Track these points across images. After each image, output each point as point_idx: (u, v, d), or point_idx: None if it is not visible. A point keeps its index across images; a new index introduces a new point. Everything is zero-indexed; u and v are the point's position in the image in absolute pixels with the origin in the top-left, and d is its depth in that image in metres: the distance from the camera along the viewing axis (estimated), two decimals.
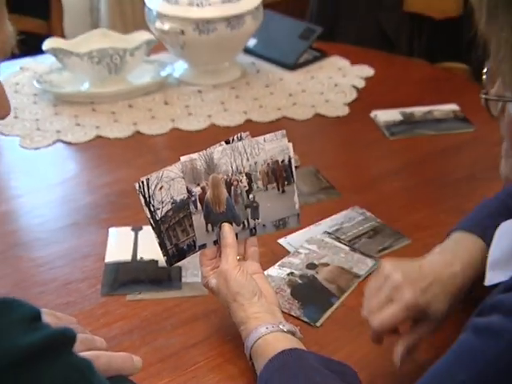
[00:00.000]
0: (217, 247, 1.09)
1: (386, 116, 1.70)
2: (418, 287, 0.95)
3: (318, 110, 1.74)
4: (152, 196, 1.05)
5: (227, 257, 1.04)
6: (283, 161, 1.11)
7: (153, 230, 1.07)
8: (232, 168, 1.08)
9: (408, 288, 0.95)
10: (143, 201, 1.05)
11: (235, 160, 1.08)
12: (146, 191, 1.04)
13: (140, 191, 1.04)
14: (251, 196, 1.10)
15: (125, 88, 1.78)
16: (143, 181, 1.04)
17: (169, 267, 1.11)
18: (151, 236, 1.07)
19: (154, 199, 1.05)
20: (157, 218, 1.06)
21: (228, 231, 1.07)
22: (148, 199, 1.05)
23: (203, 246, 1.09)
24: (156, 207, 1.05)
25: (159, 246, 1.08)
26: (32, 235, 1.37)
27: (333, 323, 1.12)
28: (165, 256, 1.09)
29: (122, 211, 1.36)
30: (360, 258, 1.25)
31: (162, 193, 1.05)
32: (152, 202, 1.05)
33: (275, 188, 1.11)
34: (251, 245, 1.10)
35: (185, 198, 1.07)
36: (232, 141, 1.09)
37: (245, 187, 1.09)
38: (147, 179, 1.04)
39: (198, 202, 1.07)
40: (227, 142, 1.08)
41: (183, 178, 1.06)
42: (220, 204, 1.08)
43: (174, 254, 1.09)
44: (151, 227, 1.06)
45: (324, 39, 2.05)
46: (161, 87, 1.82)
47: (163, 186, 1.05)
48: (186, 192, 1.06)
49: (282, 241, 1.29)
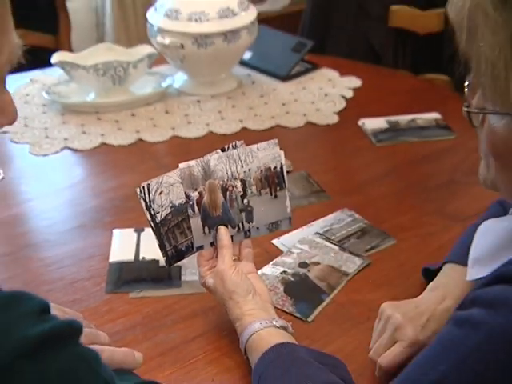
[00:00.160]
0: (213, 248, 1.09)
1: (373, 124, 1.69)
2: (418, 325, 0.98)
3: (310, 119, 1.74)
4: (152, 200, 1.04)
5: (223, 257, 1.05)
6: (275, 168, 1.11)
7: (153, 233, 1.06)
8: (227, 174, 1.08)
9: (409, 326, 0.97)
10: (144, 205, 1.04)
11: (230, 167, 1.08)
12: (147, 196, 1.04)
13: (141, 196, 1.04)
14: (245, 201, 1.10)
15: (128, 98, 1.78)
16: (144, 186, 1.04)
17: (168, 267, 1.11)
18: (152, 237, 1.07)
19: (155, 203, 1.05)
20: (157, 221, 1.06)
21: (224, 233, 1.07)
22: (148, 203, 1.04)
23: (200, 248, 1.09)
24: (156, 211, 1.05)
25: (159, 248, 1.07)
26: (41, 237, 1.36)
27: (323, 319, 1.12)
28: (164, 257, 1.08)
29: (126, 214, 1.35)
30: (349, 257, 1.25)
31: (162, 197, 1.05)
32: (152, 206, 1.05)
33: (268, 193, 1.11)
34: (246, 246, 1.11)
35: (183, 203, 1.06)
36: (227, 149, 1.09)
37: (239, 192, 1.09)
38: (148, 185, 1.04)
39: (196, 206, 1.07)
40: (223, 150, 1.08)
41: (182, 184, 1.06)
42: (216, 208, 1.08)
43: (173, 255, 1.09)
44: (151, 230, 1.06)
45: (315, 52, 2.05)
46: (162, 97, 1.82)
47: (163, 191, 1.05)
48: (185, 197, 1.06)
49: (276, 241, 1.29)
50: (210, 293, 1.06)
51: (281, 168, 1.11)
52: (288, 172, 1.46)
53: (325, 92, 1.86)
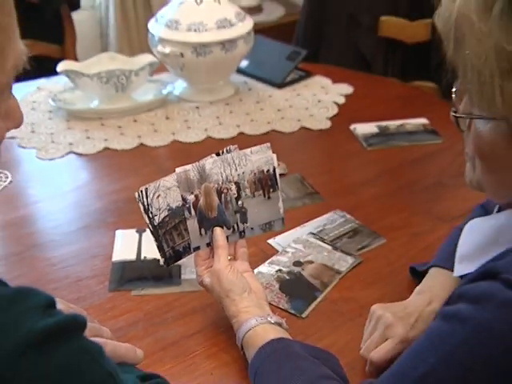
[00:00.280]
0: (210, 249, 1.09)
1: (364, 129, 1.69)
2: (408, 323, 0.98)
3: (304, 124, 1.74)
4: (150, 204, 1.04)
5: (219, 257, 1.05)
6: (268, 170, 1.10)
7: (151, 235, 1.06)
8: (222, 177, 1.08)
9: (399, 325, 0.97)
10: (142, 208, 1.04)
11: (225, 170, 1.08)
12: (145, 199, 1.04)
13: (139, 200, 1.04)
14: (240, 202, 1.10)
15: (130, 105, 1.78)
16: (142, 190, 1.04)
17: (171, 265, 1.11)
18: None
19: (152, 207, 1.04)
20: (155, 224, 1.05)
21: (219, 234, 1.07)
22: (147, 207, 1.04)
23: (197, 248, 1.09)
24: (154, 214, 1.05)
25: (157, 249, 1.07)
26: (47, 237, 1.36)
27: (317, 315, 1.12)
28: (162, 257, 1.08)
29: (128, 215, 1.34)
30: (341, 256, 1.25)
31: (160, 201, 1.05)
32: (150, 209, 1.04)
33: (261, 195, 1.11)
34: (241, 246, 1.10)
35: (180, 205, 1.06)
36: (222, 153, 1.08)
37: (234, 195, 1.09)
38: (146, 189, 1.04)
39: (192, 209, 1.07)
40: (217, 154, 1.08)
41: (178, 187, 1.06)
42: (212, 210, 1.08)
43: (171, 256, 1.08)
44: (150, 232, 1.06)
45: (308, 61, 2.05)
46: (162, 104, 1.81)
47: (160, 195, 1.05)
48: (181, 200, 1.06)
49: (272, 241, 1.28)
50: (208, 291, 1.06)
51: (273, 170, 1.11)
52: (283, 175, 1.47)
53: (318, 98, 1.85)
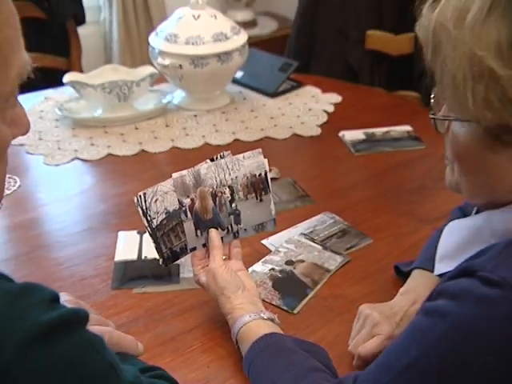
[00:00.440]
0: (205, 249, 1.09)
1: (352, 135, 1.69)
2: (393, 322, 0.98)
3: (295, 131, 1.74)
4: (148, 208, 1.04)
5: (214, 257, 1.04)
6: (260, 174, 1.10)
7: (150, 237, 1.06)
8: (216, 182, 1.07)
9: (386, 323, 0.97)
10: (141, 212, 1.04)
11: (219, 175, 1.07)
12: (144, 203, 1.03)
13: (138, 204, 1.03)
14: (234, 205, 1.09)
15: (132, 113, 1.77)
16: (141, 195, 1.03)
17: (169, 265, 1.10)
18: None
19: (151, 210, 1.04)
20: (153, 226, 1.05)
21: (215, 235, 1.07)
22: (145, 210, 1.04)
23: (194, 249, 1.09)
24: (152, 217, 1.04)
25: (156, 250, 1.07)
26: (54, 238, 1.35)
27: (308, 311, 1.12)
28: (161, 258, 1.08)
29: (130, 217, 1.33)
30: (331, 255, 1.24)
31: (157, 204, 1.04)
32: (149, 213, 1.04)
33: (254, 197, 1.10)
34: (235, 246, 1.10)
35: (177, 209, 1.06)
36: (216, 158, 1.08)
37: (228, 198, 1.09)
38: (144, 193, 1.03)
39: (188, 212, 1.06)
40: (212, 160, 1.08)
41: (175, 192, 1.05)
42: (207, 212, 1.07)
43: (169, 257, 1.08)
44: (149, 234, 1.06)
45: (299, 71, 2.05)
46: (162, 112, 1.81)
47: (158, 199, 1.04)
48: (178, 203, 1.06)
49: (265, 241, 1.28)
50: (204, 289, 1.06)
51: (265, 174, 1.11)
52: (276, 179, 1.47)
53: (309, 107, 1.85)
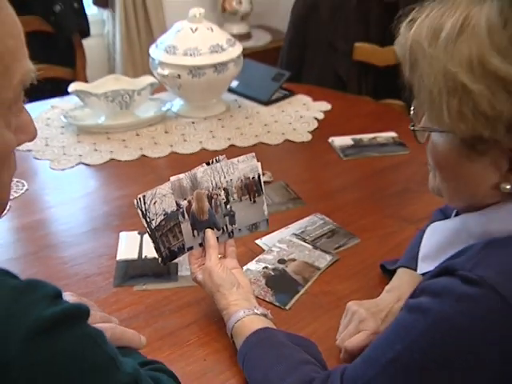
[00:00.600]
0: (202, 249, 1.08)
1: (341, 141, 1.69)
2: (379, 318, 0.98)
3: (287, 137, 1.73)
4: (148, 209, 1.03)
5: (210, 256, 1.04)
6: (253, 177, 1.10)
7: (149, 237, 1.05)
8: (212, 184, 1.07)
9: (372, 319, 0.98)
10: (141, 214, 1.03)
11: (214, 178, 1.07)
12: (143, 206, 1.03)
13: (138, 206, 1.03)
14: (228, 206, 1.09)
15: (133, 121, 1.77)
16: (140, 197, 1.03)
17: (167, 264, 1.10)
18: None
19: (150, 212, 1.03)
20: (152, 227, 1.05)
21: (210, 235, 1.07)
22: (144, 212, 1.03)
23: (191, 248, 1.08)
24: (151, 218, 1.04)
25: (155, 250, 1.07)
26: (59, 239, 1.35)
27: (299, 306, 1.12)
28: (160, 257, 1.08)
29: (131, 219, 1.33)
30: (321, 254, 1.24)
31: (156, 206, 1.04)
32: (148, 215, 1.04)
33: (248, 199, 1.10)
34: (230, 245, 1.10)
35: (174, 210, 1.05)
36: (212, 162, 1.08)
37: (223, 199, 1.08)
38: (143, 196, 1.03)
39: (186, 213, 1.06)
40: (208, 164, 1.08)
41: (173, 194, 1.05)
42: (203, 214, 1.07)
43: (167, 256, 1.08)
44: (148, 234, 1.05)
45: (291, 81, 2.05)
46: (162, 119, 1.81)
47: (157, 201, 1.04)
48: (176, 205, 1.05)
49: (259, 241, 1.28)
50: (201, 286, 1.06)
51: (258, 177, 1.10)
52: (269, 182, 1.47)
53: (300, 114, 1.85)
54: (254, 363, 0.91)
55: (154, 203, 1.04)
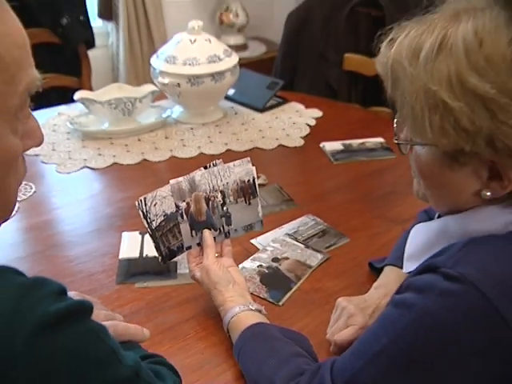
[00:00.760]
0: (200, 248, 1.08)
1: (331, 146, 1.69)
2: (367, 314, 0.98)
3: (281, 142, 1.73)
4: (148, 211, 1.03)
5: (208, 255, 1.04)
6: (249, 180, 1.10)
7: (150, 237, 1.05)
8: (209, 187, 1.07)
9: (360, 315, 0.98)
10: (142, 215, 1.03)
11: (212, 181, 1.07)
12: (144, 207, 1.03)
13: (139, 207, 1.03)
14: (225, 208, 1.09)
15: (135, 127, 1.76)
16: (141, 199, 1.03)
17: (167, 262, 1.10)
18: None
19: (150, 213, 1.03)
20: (153, 228, 1.04)
21: (208, 235, 1.06)
22: (145, 213, 1.03)
23: (189, 248, 1.08)
24: (152, 219, 1.04)
25: (155, 249, 1.06)
26: (65, 238, 1.34)
27: (291, 302, 1.11)
28: (160, 256, 1.07)
29: (132, 219, 1.32)
30: (312, 253, 1.24)
31: (156, 208, 1.04)
32: (149, 216, 1.03)
33: (243, 201, 1.10)
34: (226, 245, 1.10)
35: (174, 212, 1.05)
36: (209, 166, 1.08)
37: (220, 201, 1.08)
38: (144, 198, 1.03)
39: (184, 214, 1.06)
40: (205, 168, 1.08)
41: (172, 196, 1.05)
42: (201, 215, 1.07)
43: (167, 255, 1.07)
44: (149, 235, 1.05)
45: (285, 89, 2.05)
46: (162, 125, 1.80)
47: (157, 203, 1.04)
48: (175, 207, 1.05)
49: (254, 241, 1.28)
50: (199, 284, 1.05)
51: (253, 180, 1.10)
52: (263, 185, 1.46)
53: (293, 121, 1.85)
54: (249, 356, 0.91)
55: (155, 205, 1.03)
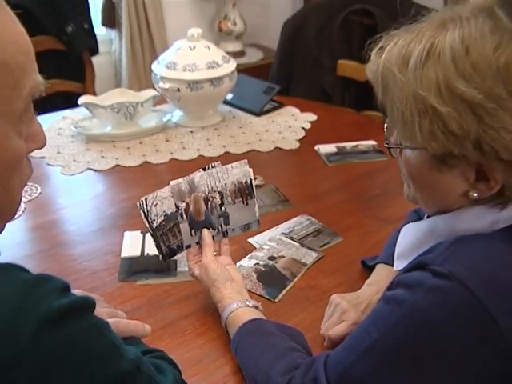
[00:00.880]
0: (199, 247, 1.08)
1: (326, 149, 1.69)
2: (359, 310, 0.99)
3: (277, 145, 1.73)
4: (149, 211, 1.03)
5: (206, 253, 1.04)
6: (246, 181, 1.10)
7: (151, 236, 1.05)
8: (208, 188, 1.07)
9: (353, 311, 0.98)
10: (143, 215, 1.03)
11: (210, 182, 1.07)
12: (145, 207, 1.03)
13: (141, 208, 1.03)
14: (223, 208, 1.09)
15: (137, 130, 1.76)
16: (142, 200, 1.03)
17: (167, 260, 1.09)
18: None
19: (151, 213, 1.03)
20: (153, 227, 1.04)
21: (207, 234, 1.06)
22: (146, 213, 1.03)
23: (189, 246, 1.08)
24: (152, 219, 1.04)
25: (156, 248, 1.06)
26: (69, 237, 1.34)
27: (287, 299, 1.11)
28: (160, 255, 1.07)
29: (134, 219, 1.32)
30: (307, 252, 1.24)
31: (157, 208, 1.04)
32: (150, 216, 1.03)
33: (241, 202, 1.10)
34: (224, 244, 1.10)
35: (174, 212, 1.05)
36: (208, 168, 1.08)
37: (218, 202, 1.08)
38: (145, 199, 1.03)
39: (184, 214, 1.06)
40: (204, 169, 1.07)
41: (172, 197, 1.05)
42: (200, 215, 1.07)
43: (167, 253, 1.07)
44: (150, 234, 1.05)
45: (281, 94, 2.04)
46: (163, 129, 1.80)
47: (157, 204, 1.04)
48: (175, 207, 1.05)
49: (251, 240, 1.27)
50: (198, 281, 1.05)
51: (250, 182, 1.10)
52: (260, 186, 1.46)
53: (289, 124, 1.85)
54: (246, 351, 0.91)
55: (155, 205, 1.03)
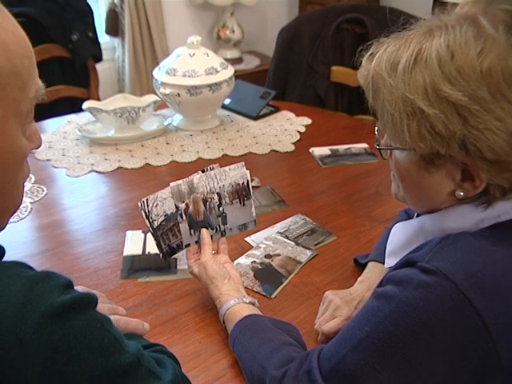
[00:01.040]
0: (198, 246, 1.08)
1: (320, 151, 1.69)
2: (352, 306, 0.99)
3: (273, 147, 1.73)
4: (150, 211, 1.03)
5: (205, 252, 1.04)
6: (243, 183, 1.10)
7: (152, 235, 1.05)
8: (207, 189, 1.06)
9: (345, 307, 0.98)
10: (144, 215, 1.03)
11: (209, 184, 1.07)
12: (146, 208, 1.02)
13: (142, 208, 1.02)
14: (221, 209, 1.08)
15: (138, 133, 1.76)
16: (144, 201, 1.02)
17: (168, 259, 1.09)
18: None
19: (152, 213, 1.03)
20: (154, 227, 1.04)
21: (205, 234, 1.06)
22: (147, 214, 1.03)
23: (188, 245, 1.08)
24: (153, 219, 1.03)
25: (156, 247, 1.06)
26: (74, 237, 1.33)
27: (283, 296, 1.11)
28: (160, 253, 1.07)
29: (136, 219, 1.33)
30: (302, 250, 1.23)
31: (158, 209, 1.03)
32: (150, 216, 1.03)
33: (238, 202, 1.10)
34: (222, 243, 1.10)
35: (174, 212, 1.05)
36: (206, 170, 1.07)
37: (216, 202, 1.08)
38: (146, 200, 1.02)
39: (183, 214, 1.06)
40: (203, 171, 1.07)
41: (172, 198, 1.04)
42: (199, 215, 1.06)
43: (167, 252, 1.07)
44: (150, 233, 1.05)
45: (277, 99, 2.04)
46: (164, 132, 1.80)
47: (158, 204, 1.03)
48: (175, 207, 1.05)
49: (248, 239, 1.27)
50: (197, 279, 1.05)
51: (247, 183, 1.10)
52: (257, 187, 1.46)
53: (284, 128, 1.85)
54: (243, 345, 0.90)
55: (156, 206, 1.03)
